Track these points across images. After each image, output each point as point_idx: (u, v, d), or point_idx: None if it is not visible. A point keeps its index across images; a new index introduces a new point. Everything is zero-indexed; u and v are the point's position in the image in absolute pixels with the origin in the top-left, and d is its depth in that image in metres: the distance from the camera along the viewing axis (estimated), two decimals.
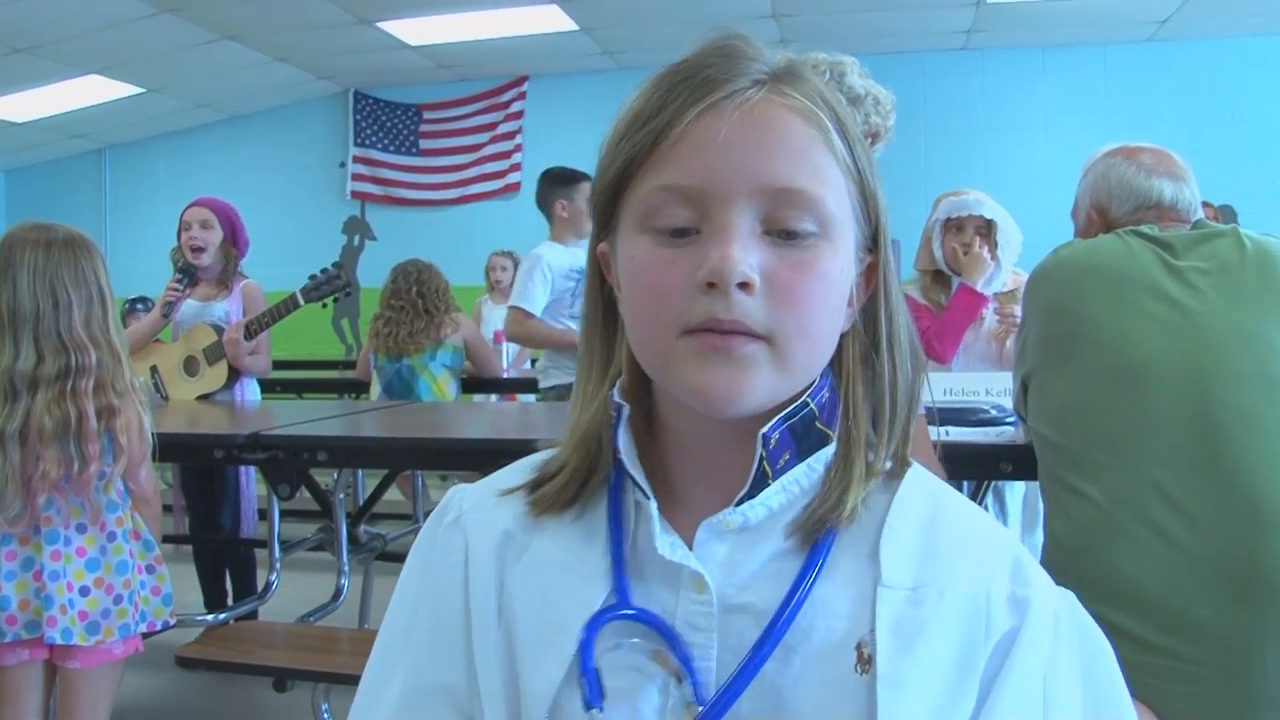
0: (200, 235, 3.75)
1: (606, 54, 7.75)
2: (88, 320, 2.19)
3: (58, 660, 2.20)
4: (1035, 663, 0.69)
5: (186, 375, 3.79)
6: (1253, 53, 7.19)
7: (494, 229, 8.10)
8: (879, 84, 1.78)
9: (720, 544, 0.73)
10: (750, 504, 0.73)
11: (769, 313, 0.68)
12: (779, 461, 0.72)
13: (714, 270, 0.67)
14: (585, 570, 0.76)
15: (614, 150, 0.74)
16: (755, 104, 0.70)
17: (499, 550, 0.80)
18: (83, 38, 6.64)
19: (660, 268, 0.70)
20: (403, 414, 3.40)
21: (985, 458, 2.17)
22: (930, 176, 5.95)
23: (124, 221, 9.28)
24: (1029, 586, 0.71)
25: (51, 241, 2.21)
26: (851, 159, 0.73)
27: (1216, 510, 1.59)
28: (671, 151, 0.70)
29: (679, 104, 0.70)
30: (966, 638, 0.69)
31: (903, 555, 0.72)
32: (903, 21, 6.95)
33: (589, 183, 1.86)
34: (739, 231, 0.68)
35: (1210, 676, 1.57)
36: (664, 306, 0.70)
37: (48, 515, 2.14)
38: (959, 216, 2.96)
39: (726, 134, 0.69)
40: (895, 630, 0.68)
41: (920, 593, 0.70)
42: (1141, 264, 1.79)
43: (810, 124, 0.71)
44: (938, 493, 0.77)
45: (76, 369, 2.15)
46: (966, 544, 0.73)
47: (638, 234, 0.72)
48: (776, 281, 0.68)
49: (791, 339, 0.69)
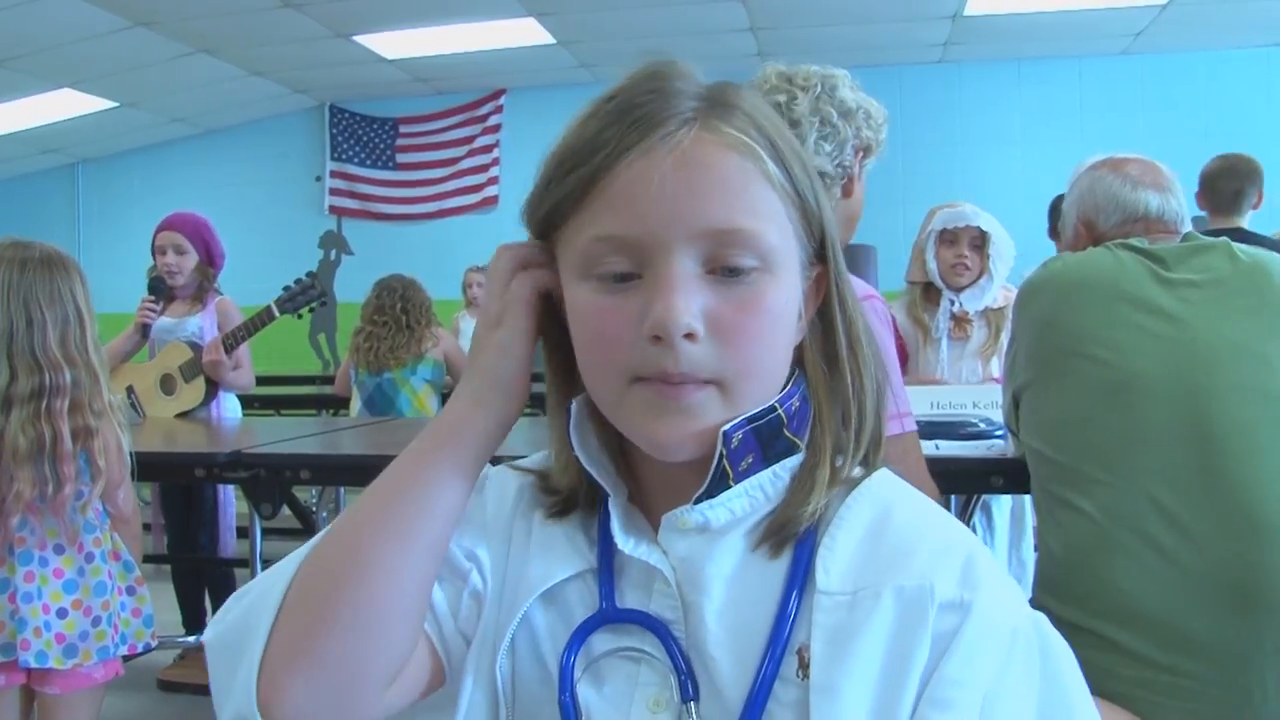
0: (175, 261, 3.73)
1: (584, 67, 7.75)
2: (63, 339, 2.16)
3: (36, 685, 2.16)
4: (973, 674, 0.66)
5: (163, 394, 3.75)
6: (1226, 65, 7.27)
7: (471, 243, 8.07)
8: (870, 97, 1.78)
9: (681, 540, 0.74)
10: (710, 504, 0.73)
11: (716, 357, 0.69)
12: (741, 463, 0.72)
13: (658, 322, 0.68)
14: (579, 542, 0.79)
15: (543, 191, 0.74)
16: (687, 146, 0.70)
17: (514, 502, 0.83)
18: (55, 51, 6.58)
19: (605, 316, 0.71)
20: (384, 430, 3.37)
21: (975, 471, 2.17)
22: (908, 188, 5.98)
23: (98, 237, 9.22)
24: (975, 590, 0.68)
25: (27, 260, 2.17)
26: (789, 182, 0.73)
27: (1212, 524, 1.58)
28: (605, 199, 0.70)
29: (610, 149, 0.70)
30: (902, 634, 0.67)
31: (842, 562, 0.71)
32: (880, 35, 7.00)
33: None
34: (680, 279, 0.68)
35: (1207, 691, 1.56)
36: (612, 355, 0.71)
37: (21, 536, 2.11)
38: (954, 228, 2.96)
39: (660, 180, 0.69)
40: (830, 637, 0.68)
41: (858, 596, 0.69)
42: (1133, 277, 1.79)
43: (745, 157, 0.70)
44: (891, 497, 0.76)
45: (51, 388, 2.12)
46: (910, 544, 0.71)
47: (579, 280, 0.73)
48: (721, 324, 0.69)
49: (740, 378, 0.70)
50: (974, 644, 0.66)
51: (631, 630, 0.74)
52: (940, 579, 0.68)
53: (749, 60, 7.18)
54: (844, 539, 0.72)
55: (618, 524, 0.76)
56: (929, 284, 3.03)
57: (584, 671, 0.74)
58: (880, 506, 0.74)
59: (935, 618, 0.67)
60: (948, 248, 2.97)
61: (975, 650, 0.66)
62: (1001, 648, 0.67)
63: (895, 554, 0.70)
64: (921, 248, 3.02)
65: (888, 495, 0.76)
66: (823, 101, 1.70)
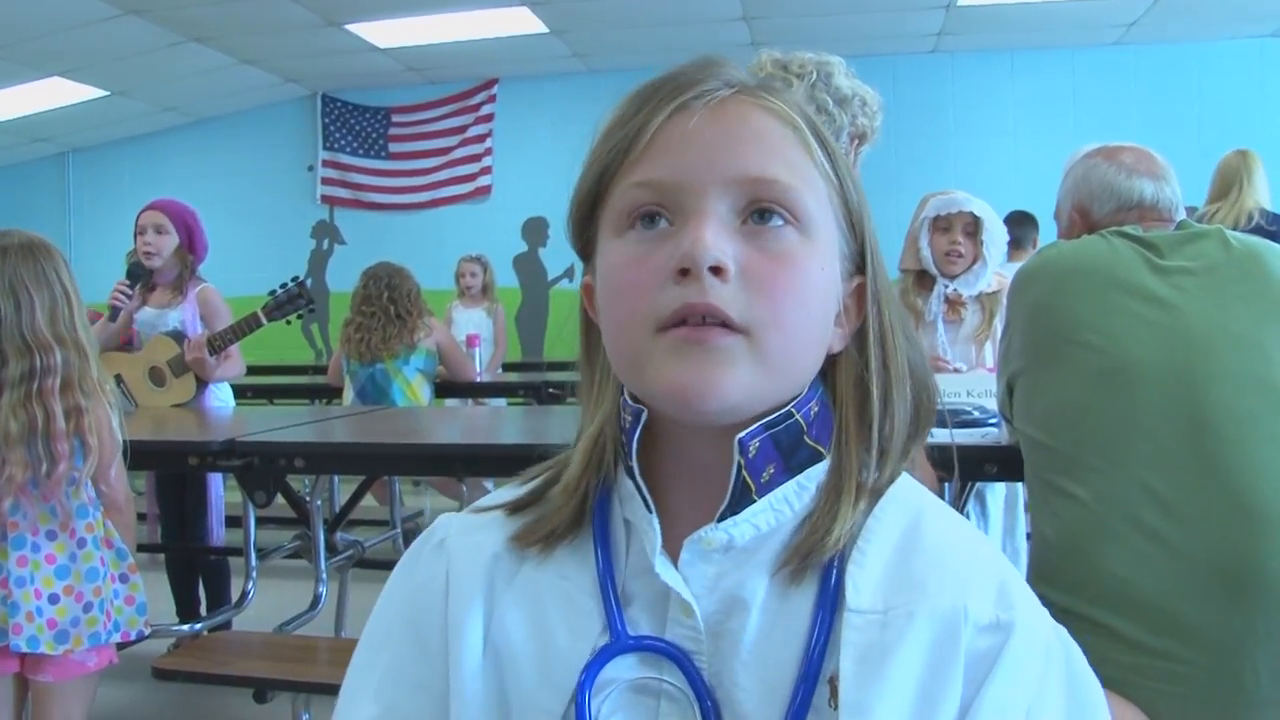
0: (154, 241, 3.67)
1: (577, 56, 7.74)
2: (52, 319, 2.17)
3: (29, 673, 2.16)
4: (1018, 693, 0.65)
5: (153, 385, 3.73)
6: (1219, 56, 7.28)
7: (464, 232, 8.07)
8: (865, 84, 1.78)
9: (708, 565, 0.71)
10: (734, 521, 0.70)
11: (745, 303, 0.66)
12: (762, 475, 0.70)
13: (686, 254, 0.66)
14: (581, 599, 0.74)
15: (588, 164, 0.73)
16: (726, 100, 0.70)
17: (487, 573, 0.77)
18: (45, 39, 6.54)
19: (633, 265, 0.69)
20: (377, 419, 3.37)
21: (969, 459, 2.17)
22: (901, 179, 5.97)
23: (88, 227, 9.18)
24: (1012, 610, 0.67)
25: (7, 247, 2.19)
26: (830, 164, 0.72)
27: (1206, 511, 1.59)
28: (643, 154, 0.69)
29: (649, 109, 0.70)
30: (937, 657, 0.65)
31: (872, 579, 0.68)
32: (873, 25, 6.99)
33: None
34: (712, 218, 0.67)
35: (1201, 677, 1.57)
36: (637, 303, 0.68)
37: (14, 521, 2.12)
38: (947, 215, 2.97)
39: (695, 127, 0.68)
40: (861, 657, 0.65)
41: (890, 615, 0.66)
42: (1127, 265, 1.79)
43: (784, 124, 0.70)
44: (919, 509, 0.73)
45: (42, 369, 2.13)
46: (942, 561, 0.69)
47: (613, 239, 0.71)
48: (752, 271, 0.67)
49: (768, 330, 0.67)
50: (1016, 666, 0.65)
51: (647, 658, 0.71)
52: (974, 599, 0.67)
53: (742, 50, 7.17)
54: (874, 554, 0.70)
55: (658, 545, 0.71)
56: (922, 271, 3.04)
57: (599, 699, 0.71)
58: (908, 516, 0.72)
59: (970, 638, 0.65)
60: (941, 234, 2.98)
61: (1017, 672, 0.65)
62: (1038, 666, 0.66)
63: (927, 572, 0.68)
64: (915, 235, 3.02)
65: (914, 504, 0.73)
66: (818, 89, 1.70)
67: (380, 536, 4.10)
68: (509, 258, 8.28)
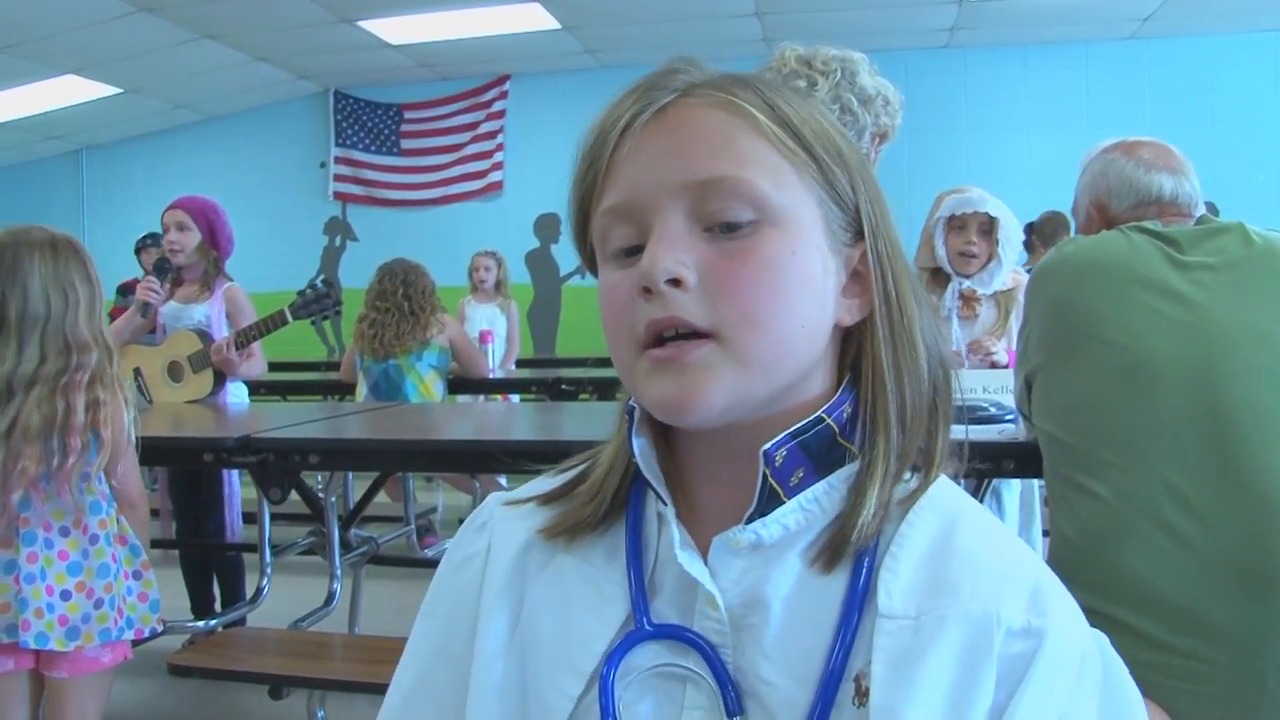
0: (177, 238, 3.71)
1: (589, 53, 7.73)
2: (90, 317, 2.21)
3: (44, 669, 2.16)
4: (1050, 702, 0.64)
5: (171, 380, 3.74)
6: (1233, 50, 7.24)
7: (476, 229, 8.08)
8: (888, 82, 1.77)
9: (736, 559, 0.72)
10: (763, 522, 0.70)
11: (710, 307, 0.67)
12: (791, 479, 0.70)
13: (643, 274, 0.67)
14: (608, 588, 0.75)
15: (570, 196, 0.76)
16: (668, 107, 0.71)
17: (520, 559, 0.80)
18: (59, 37, 6.56)
19: (615, 289, 0.71)
20: (391, 415, 3.37)
21: (987, 456, 2.16)
22: (913, 174, 5.96)
23: (101, 224, 9.21)
24: (1045, 616, 0.66)
25: (56, 241, 2.21)
26: (795, 142, 0.70)
27: (1227, 508, 1.58)
28: (608, 180, 0.71)
29: (609, 125, 0.72)
30: (969, 661, 0.65)
31: (905, 583, 0.68)
32: (885, 19, 6.97)
33: None
34: (667, 233, 0.68)
35: (1222, 675, 1.56)
36: (620, 326, 0.71)
37: (26, 516, 2.12)
38: (962, 214, 2.95)
39: (643, 140, 0.70)
40: (893, 660, 0.65)
41: (921, 621, 0.66)
42: (1147, 260, 1.78)
43: (729, 112, 0.70)
44: (954, 513, 0.73)
45: (75, 367, 2.15)
46: (976, 566, 0.68)
47: (602, 266, 0.73)
48: (714, 274, 0.67)
49: (740, 329, 0.67)
50: (1049, 673, 0.65)
51: (672, 646, 0.72)
52: (1007, 604, 0.66)
53: (754, 45, 7.16)
54: (906, 559, 0.69)
55: (677, 539, 0.72)
56: (937, 269, 3.02)
57: (622, 685, 0.71)
58: (943, 520, 0.71)
59: (1002, 644, 0.65)
60: (956, 234, 2.96)
61: (1050, 679, 0.64)
62: (1072, 673, 0.66)
63: (961, 576, 0.68)
64: (930, 233, 3.00)
65: (950, 508, 0.73)
66: (843, 88, 1.70)
67: (394, 533, 4.11)
68: (521, 254, 8.29)
